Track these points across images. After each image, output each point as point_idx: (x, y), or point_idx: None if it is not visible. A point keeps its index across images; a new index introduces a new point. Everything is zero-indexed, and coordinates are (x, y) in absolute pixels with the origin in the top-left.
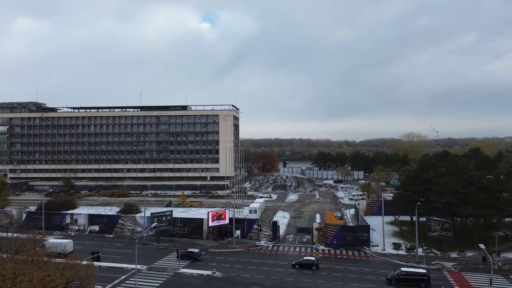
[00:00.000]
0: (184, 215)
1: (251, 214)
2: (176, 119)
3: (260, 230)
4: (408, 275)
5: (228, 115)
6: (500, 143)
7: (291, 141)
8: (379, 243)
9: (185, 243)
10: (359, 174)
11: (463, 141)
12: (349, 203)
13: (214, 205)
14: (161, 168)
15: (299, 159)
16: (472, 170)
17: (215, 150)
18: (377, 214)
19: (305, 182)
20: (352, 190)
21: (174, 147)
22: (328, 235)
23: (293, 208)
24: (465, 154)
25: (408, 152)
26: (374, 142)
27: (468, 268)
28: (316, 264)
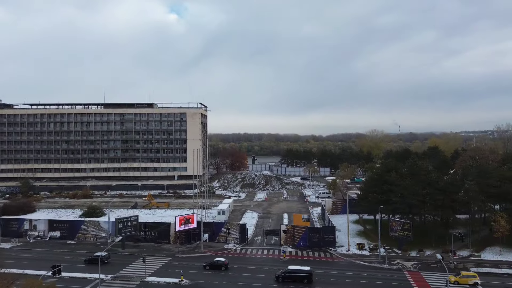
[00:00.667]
0: (151, 217)
1: (220, 216)
2: (142, 117)
3: (229, 233)
4: (293, 273)
5: (196, 113)
6: (456, 138)
7: (260, 136)
8: (344, 243)
9: (152, 248)
10: (325, 171)
11: (423, 136)
12: (316, 202)
13: (182, 206)
14: (126, 167)
15: (268, 154)
16: (431, 171)
17: (183, 149)
18: (343, 212)
19: (273, 180)
20: (319, 187)
21: (140, 145)
22: (295, 237)
23: (261, 208)
24: (424, 152)
25: (372, 149)
26: (339, 137)
27: (426, 268)
28: (225, 264)
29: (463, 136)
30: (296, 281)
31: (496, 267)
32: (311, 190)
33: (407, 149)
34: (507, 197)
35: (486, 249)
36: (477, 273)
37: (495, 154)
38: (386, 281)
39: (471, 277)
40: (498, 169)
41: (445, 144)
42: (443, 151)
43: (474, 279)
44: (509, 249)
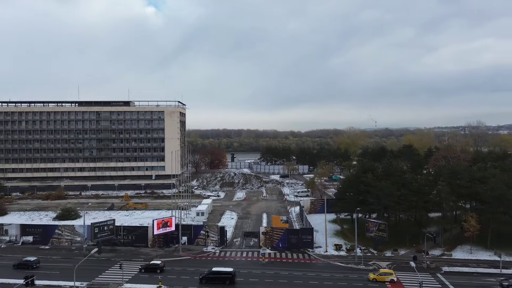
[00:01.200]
0: (128, 219)
1: (199, 217)
2: (118, 115)
3: (208, 236)
4: (216, 274)
5: (174, 112)
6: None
7: (239, 132)
8: (322, 244)
9: (129, 253)
10: (304, 168)
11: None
12: (294, 200)
13: (160, 206)
14: (102, 167)
15: (247, 151)
16: (405, 172)
17: (161, 148)
18: (321, 212)
19: (252, 178)
20: (297, 185)
21: (117, 144)
22: (274, 239)
23: (241, 208)
24: (399, 150)
25: (349, 146)
26: (318, 133)
27: (401, 268)
28: (161, 267)
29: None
30: (219, 282)
31: (467, 266)
32: (290, 188)
33: (383, 148)
34: (477, 197)
35: (457, 247)
36: (449, 272)
37: (466, 153)
38: (362, 283)
39: (388, 274)
40: (469, 169)
41: (419, 142)
42: (417, 149)
43: (390, 276)
44: (479, 247)
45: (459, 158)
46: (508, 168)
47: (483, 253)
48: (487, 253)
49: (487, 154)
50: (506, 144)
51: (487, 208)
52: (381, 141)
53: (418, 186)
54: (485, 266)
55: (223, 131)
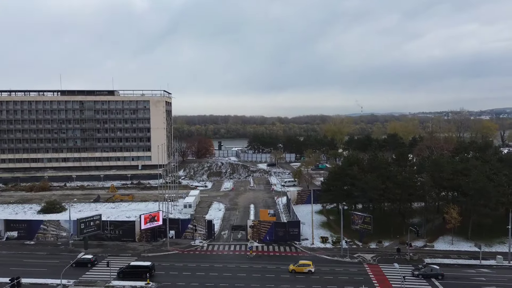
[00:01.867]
0: (115, 211)
1: (186, 209)
2: (103, 104)
3: (195, 230)
4: (133, 268)
5: (160, 101)
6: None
7: (226, 118)
8: (308, 236)
9: (116, 247)
10: (291, 157)
11: (384, 117)
12: (282, 190)
13: (147, 198)
14: (87, 157)
15: (234, 137)
16: (390, 164)
17: (147, 138)
18: (307, 202)
19: (239, 168)
20: (284, 175)
21: (101, 134)
22: (262, 232)
23: (228, 199)
24: (384, 139)
25: (336, 134)
26: (304, 119)
27: (385, 260)
28: (92, 262)
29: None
30: (136, 276)
31: (448, 257)
32: (277, 177)
33: (369, 137)
34: (459, 189)
35: (439, 238)
36: (431, 264)
37: (449, 143)
38: (347, 276)
39: (306, 265)
40: (451, 161)
41: (404, 129)
42: (401, 137)
43: (308, 267)
44: (460, 238)
45: (442, 148)
46: (489, 159)
47: (464, 244)
48: (468, 244)
49: (469, 144)
50: (487, 131)
51: (469, 200)
52: (367, 127)
53: (402, 179)
54: (465, 257)
55: (209, 117)
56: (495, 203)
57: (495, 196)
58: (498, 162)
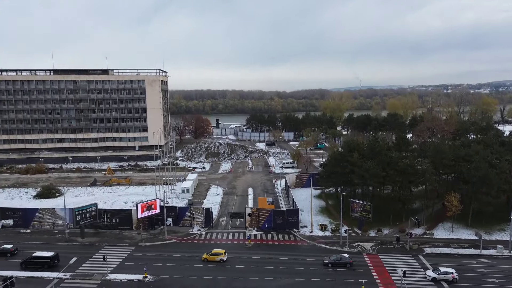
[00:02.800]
0: (111, 196)
1: (184, 194)
2: (97, 84)
3: (193, 218)
4: (36, 259)
5: (156, 80)
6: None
7: (224, 92)
8: (307, 223)
9: (113, 236)
10: (289, 136)
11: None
12: (280, 172)
13: (144, 180)
14: (82, 138)
15: (232, 113)
16: (390, 149)
17: (143, 118)
18: (306, 186)
19: (238, 148)
20: (283, 155)
21: (97, 115)
22: (260, 219)
23: (227, 182)
24: (384, 119)
25: (335, 111)
26: (303, 93)
27: (384, 249)
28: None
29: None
30: (38, 266)
31: (448, 246)
32: (275, 158)
33: (368, 116)
34: (460, 176)
35: (439, 226)
36: (430, 254)
37: (449, 125)
38: (346, 268)
39: (218, 254)
40: (453, 147)
41: (404, 105)
42: (401, 116)
43: (220, 256)
44: (460, 225)
45: (443, 129)
46: (491, 142)
47: (463, 231)
48: (468, 232)
49: (470, 125)
50: (487, 107)
51: (470, 187)
52: (366, 102)
53: (403, 166)
54: (465, 246)
55: (207, 91)
56: (496, 191)
57: (497, 184)
58: (501, 146)
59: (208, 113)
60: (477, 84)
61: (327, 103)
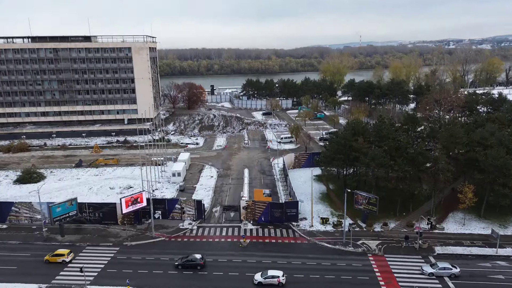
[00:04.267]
0: (97, 180)
1: (175, 177)
2: (80, 52)
3: (183, 213)
4: None
5: (143, 48)
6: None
7: (219, 51)
8: (307, 214)
9: (96, 233)
10: (287, 103)
11: (383, 49)
12: (278, 149)
13: (133, 160)
14: (67, 111)
15: (229, 73)
16: (397, 130)
17: (131, 89)
18: (305, 166)
19: (233, 120)
20: (281, 127)
21: (81, 86)
22: (256, 212)
23: (221, 160)
24: (388, 87)
25: (334, 75)
26: (301, 51)
27: (391, 249)
28: None
29: (420, 48)
30: None
31: (460, 243)
32: (272, 131)
33: (370, 84)
34: (475, 164)
35: (449, 216)
36: (442, 255)
37: (459, 98)
38: (351, 274)
39: (61, 255)
40: (466, 127)
41: (407, 68)
42: (405, 83)
43: (63, 257)
44: (472, 216)
45: (452, 103)
46: (505, 120)
47: (476, 224)
48: (481, 225)
49: (480, 97)
50: (492, 68)
51: (486, 177)
52: (366, 60)
53: (413, 155)
54: (479, 244)
55: (202, 50)
56: None
57: None
58: None
59: (203, 74)
60: (479, 39)
61: (326, 67)
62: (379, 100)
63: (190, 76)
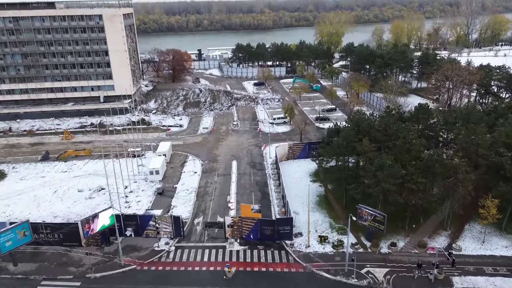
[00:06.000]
0: (65, 178)
1: (153, 176)
2: (43, 21)
3: (158, 232)
4: None
5: (116, 15)
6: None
7: (209, 4)
8: (302, 227)
9: (55, 260)
10: (281, 71)
11: (381, 1)
12: (270, 132)
13: (108, 149)
14: (35, 88)
15: (219, 30)
16: (407, 125)
17: (105, 63)
18: (300, 157)
19: (221, 96)
20: (274, 102)
21: (48, 60)
22: (244, 229)
23: (207, 148)
24: (391, 56)
25: (332, 36)
26: (296, 4)
27: (402, 281)
28: None
29: None
30: None
31: (481, 271)
32: (265, 107)
33: (372, 51)
34: (499, 171)
35: (465, 229)
36: None
37: (472, 74)
38: None
39: None
40: (486, 120)
41: (409, 25)
42: (409, 50)
43: None
44: (491, 229)
45: (465, 80)
46: None
47: (497, 240)
48: (503, 242)
49: (495, 71)
50: (498, 27)
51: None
52: (363, 14)
53: (429, 162)
54: (503, 271)
55: (191, 3)
56: None
57: None
58: None
59: (192, 30)
60: None
61: (323, 27)
62: (380, 69)
63: (179, 33)
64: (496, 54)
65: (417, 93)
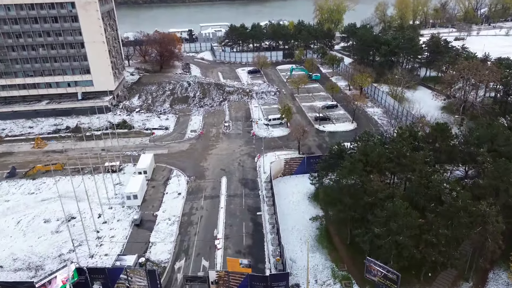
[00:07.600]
0: (31, 202)
1: (130, 201)
2: (9, 10)
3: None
4: None
5: (91, 2)
6: None
7: None
8: (300, 275)
9: None
10: (278, 56)
11: None
12: (265, 136)
13: (84, 160)
14: (5, 85)
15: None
16: (422, 152)
17: (82, 56)
18: (298, 172)
19: (212, 89)
20: (269, 96)
21: (18, 53)
22: (232, 285)
23: (193, 159)
24: (398, 44)
25: (332, 13)
26: None
27: None
28: None
29: None
30: None
31: None
32: (260, 101)
33: (376, 38)
34: None
35: (490, 278)
36: None
37: (494, 73)
38: None
39: None
40: None
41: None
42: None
43: None
44: None
45: (485, 79)
46: None
47: None
48: None
49: None
50: (511, 1)
51: None
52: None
53: (453, 208)
54: None
55: None
56: None
57: None
58: None
59: (186, 1)
60: None
61: (323, 2)
62: (386, 58)
63: (171, 5)
64: (507, 33)
65: (426, 85)
